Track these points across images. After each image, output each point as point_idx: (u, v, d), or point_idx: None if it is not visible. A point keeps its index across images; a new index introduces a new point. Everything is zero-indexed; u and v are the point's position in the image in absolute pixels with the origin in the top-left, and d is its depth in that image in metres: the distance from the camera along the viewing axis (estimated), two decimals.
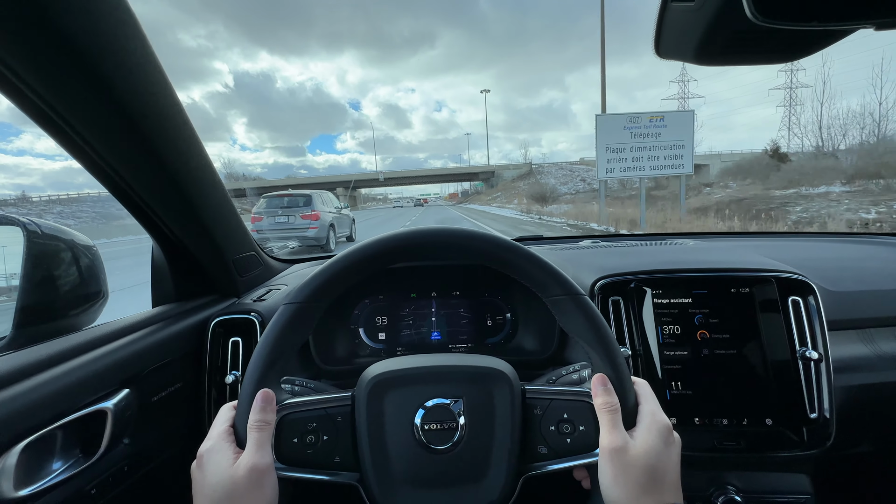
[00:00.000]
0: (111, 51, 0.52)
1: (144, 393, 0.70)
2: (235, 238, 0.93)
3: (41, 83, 0.50)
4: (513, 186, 53.72)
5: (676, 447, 0.49)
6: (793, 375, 0.79)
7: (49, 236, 0.72)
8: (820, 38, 0.47)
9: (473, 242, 0.54)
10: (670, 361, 0.81)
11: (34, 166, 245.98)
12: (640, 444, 0.47)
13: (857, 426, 0.84)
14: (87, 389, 0.59)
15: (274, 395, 0.49)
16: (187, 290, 0.92)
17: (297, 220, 8.75)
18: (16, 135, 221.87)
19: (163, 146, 0.65)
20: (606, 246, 1.28)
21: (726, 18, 0.44)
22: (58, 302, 0.72)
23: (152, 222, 0.79)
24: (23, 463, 0.51)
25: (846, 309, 0.89)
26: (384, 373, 0.52)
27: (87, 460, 0.59)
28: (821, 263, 1.05)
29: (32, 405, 0.52)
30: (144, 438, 0.69)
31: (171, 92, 0.64)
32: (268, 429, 0.48)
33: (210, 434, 0.50)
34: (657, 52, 0.55)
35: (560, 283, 0.53)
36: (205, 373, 0.83)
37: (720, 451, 0.77)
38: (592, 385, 0.50)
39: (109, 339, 0.68)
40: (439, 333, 1.01)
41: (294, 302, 0.52)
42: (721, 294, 0.83)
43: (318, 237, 8.86)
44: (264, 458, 0.46)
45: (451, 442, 0.50)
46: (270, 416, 0.48)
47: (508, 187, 54.69)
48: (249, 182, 42.23)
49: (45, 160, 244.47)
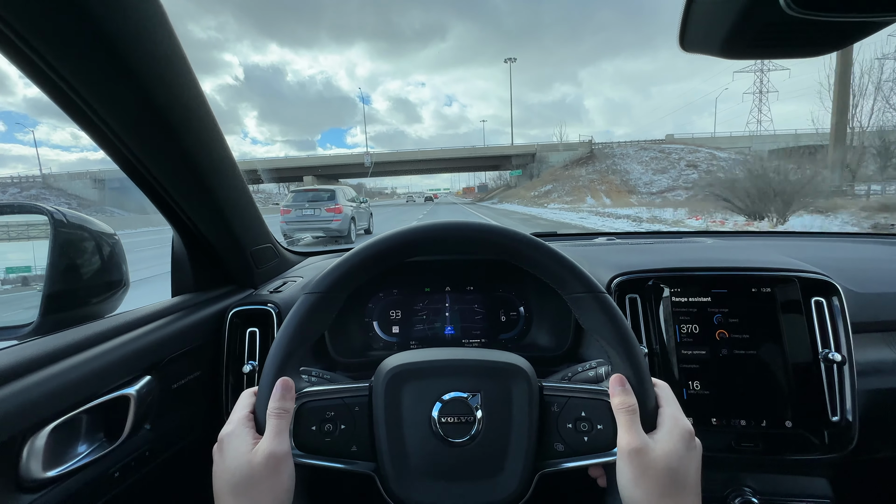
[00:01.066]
0: (140, 41, 0.53)
1: (165, 380, 0.71)
2: (253, 230, 0.94)
3: (71, 72, 0.51)
4: (569, 176, 37.95)
5: (698, 452, 0.49)
6: (814, 377, 0.77)
7: (74, 225, 0.73)
8: (855, 30, 0.46)
9: (494, 237, 0.54)
10: (688, 361, 0.80)
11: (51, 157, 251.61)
12: (661, 446, 0.46)
13: (880, 431, 0.82)
14: (111, 375, 0.61)
15: (293, 384, 0.50)
16: (206, 280, 0.93)
17: (322, 212, 9.73)
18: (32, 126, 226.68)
19: (187, 137, 0.66)
20: (622, 243, 1.27)
21: (758, 11, 0.43)
22: (82, 290, 0.74)
23: (174, 213, 0.80)
24: (51, 445, 0.52)
25: (871, 311, 0.87)
26: (403, 364, 0.52)
27: (111, 444, 0.60)
28: (844, 264, 1.02)
29: (60, 389, 0.53)
30: (165, 424, 0.71)
31: (196, 84, 0.65)
32: (286, 416, 0.48)
33: (231, 418, 0.50)
34: (682, 45, 0.54)
35: (581, 280, 0.52)
36: (223, 362, 0.85)
37: (738, 451, 0.76)
38: (610, 385, 0.49)
39: (132, 326, 0.70)
40: (453, 328, 1.02)
41: (315, 291, 0.52)
42: (741, 293, 0.82)
43: (341, 229, 9.80)
44: (282, 445, 0.47)
45: (468, 436, 0.50)
46: (289, 405, 0.49)
47: (562, 176, 38.77)
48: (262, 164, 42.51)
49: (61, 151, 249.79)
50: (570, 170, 39.67)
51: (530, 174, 48.42)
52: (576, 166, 40.02)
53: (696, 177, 30.58)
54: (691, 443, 0.48)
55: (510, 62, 79.32)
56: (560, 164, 43.23)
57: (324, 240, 9.99)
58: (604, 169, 37.35)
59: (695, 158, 36.15)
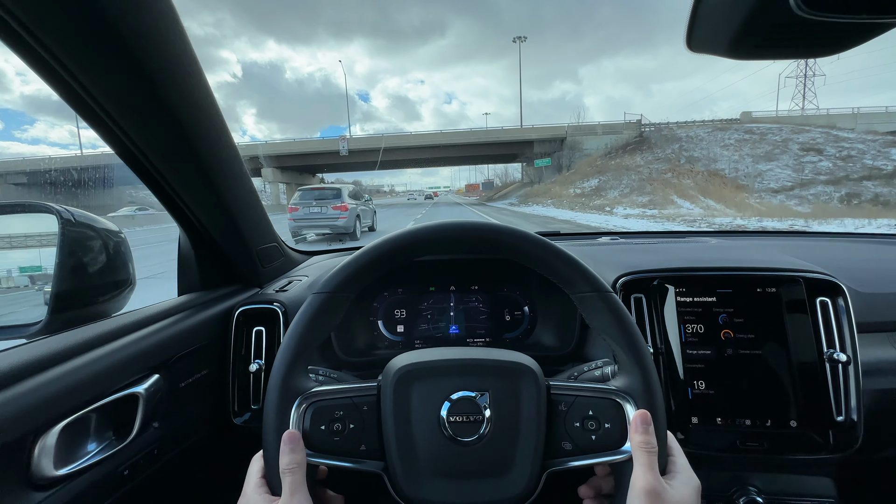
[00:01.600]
0: (153, 41, 0.53)
1: (173, 379, 0.71)
2: (259, 229, 0.94)
3: (80, 69, 0.51)
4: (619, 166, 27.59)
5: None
6: (819, 377, 0.77)
7: (82, 224, 0.73)
8: (864, 31, 0.46)
9: (501, 237, 0.54)
10: (693, 360, 0.80)
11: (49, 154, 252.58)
12: (678, 494, 0.46)
13: (885, 431, 0.82)
14: (119, 374, 0.61)
15: (300, 435, 0.49)
16: (212, 279, 0.94)
17: (329, 210, 10.01)
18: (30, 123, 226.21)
19: (196, 136, 0.66)
20: (626, 243, 1.27)
21: (767, 11, 0.43)
22: (90, 288, 0.74)
23: (181, 211, 0.80)
24: (61, 443, 0.53)
25: (876, 311, 0.86)
26: (411, 364, 0.53)
27: (120, 443, 0.61)
28: (849, 264, 1.02)
29: (69, 388, 0.54)
30: (173, 423, 0.71)
31: (206, 83, 0.65)
32: (300, 470, 0.47)
33: (244, 490, 0.49)
34: (688, 45, 0.54)
35: (588, 280, 0.53)
36: (229, 361, 0.85)
37: (742, 451, 0.76)
38: (633, 421, 0.49)
39: (139, 325, 0.70)
40: (457, 327, 1.02)
41: (324, 291, 0.53)
42: (746, 293, 0.82)
43: (347, 226, 10.13)
44: (301, 502, 0.46)
45: (477, 435, 0.50)
46: (300, 457, 0.48)
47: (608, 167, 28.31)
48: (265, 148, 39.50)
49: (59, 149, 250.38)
50: (618, 158, 29.57)
51: (559, 165, 35.68)
52: (624, 153, 30.15)
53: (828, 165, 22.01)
54: (699, 500, 0.48)
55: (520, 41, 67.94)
56: (601, 152, 32.61)
57: (329, 238, 10.21)
58: (671, 156, 27.06)
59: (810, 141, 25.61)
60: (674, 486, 0.47)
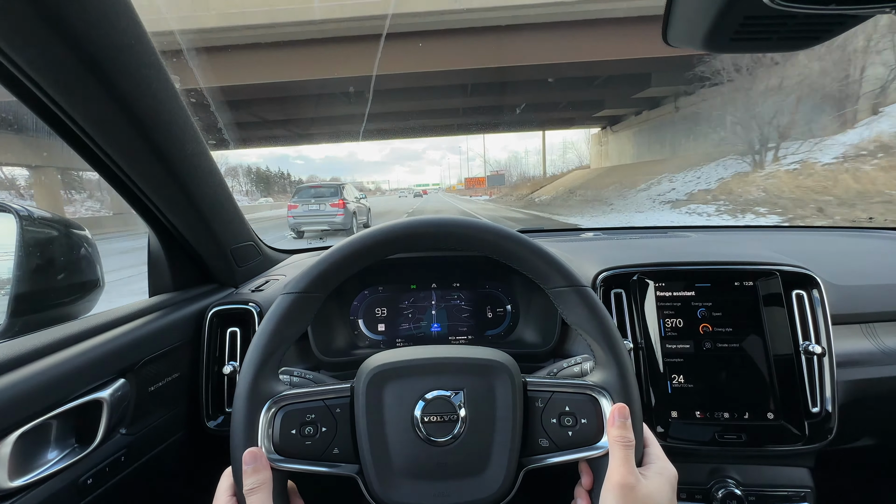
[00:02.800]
0: (102, 32, 0.50)
1: (141, 383, 0.69)
2: (233, 227, 0.91)
3: (29, 64, 0.49)
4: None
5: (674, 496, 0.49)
6: (795, 370, 0.78)
7: (43, 223, 0.71)
8: (834, 24, 0.46)
9: (475, 232, 0.53)
10: (672, 355, 0.81)
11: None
12: (652, 485, 0.46)
13: (859, 420, 0.84)
14: (82, 379, 0.59)
15: (262, 452, 0.47)
16: (185, 279, 0.91)
17: (327, 207, 10.39)
18: None
19: (157, 131, 0.64)
20: (609, 238, 1.27)
21: (740, 4, 0.43)
22: (53, 290, 0.71)
23: (148, 211, 0.77)
24: (17, 453, 0.50)
25: (849, 303, 0.88)
26: (384, 364, 0.52)
27: (83, 450, 0.58)
28: (824, 257, 1.04)
29: (27, 394, 0.51)
30: (141, 428, 0.69)
31: (166, 75, 0.62)
32: (265, 488, 0.46)
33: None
34: (665, 39, 0.54)
35: (563, 275, 0.52)
36: (202, 363, 0.83)
37: (721, 444, 0.77)
38: (610, 415, 0.48)
39: (106, 328, 0.67)
40: (439, 325, 1.01)
41: (293, 292, 0.51)
42: (724, 287, 0.82)
43: (344, 223, 10.40)
44: None
45: (452, 434, 0.49)
46: (264, 475, 0.46)
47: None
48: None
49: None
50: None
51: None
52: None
53: None
54: (675, 487, 0.48)
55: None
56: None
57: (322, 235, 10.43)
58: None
59: None
60: (648, 476, 0.47)
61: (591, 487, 0.51)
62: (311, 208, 10.44)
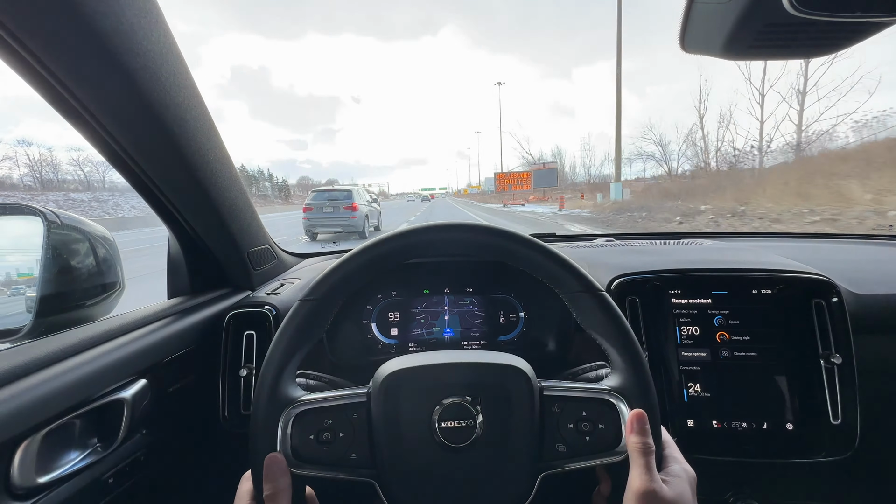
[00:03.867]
0: (135, 40, 0.52)
1: (161, 384, 0.70)
2: (251, 231, 0.93)
3: (64, 70, 0.50)
4: None
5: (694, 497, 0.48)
6: (815, 379, 0.77)
7: (68, 227, 0.72)
8: (857, 31, 0.45)
9: (490, 238, 0.53)
10: (688, 363, 0.80)
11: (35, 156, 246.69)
12: (674, 490, 0.45)
13: (881, 433, 0.82)
14: (104, 379, 0.60)
15: (282, 458, 0.48)
16: (202, 282, 0.92)
17: (341, 210, 10.83)
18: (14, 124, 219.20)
19: (183, 138, 0.65)
20: (622, 245, 1.27)
21: (760, 11, 0.43)
22: (76, 292, 0.73)
23: (170, 214, 0.79)
24: (44, 451, 0.51)
25: (871, 312, 0.86)
26: (401, 369, 0.52)
27: (105, 450, 0.59)
28: (844, 265, 1.02)
29: (53, 394, 0.52)
30: (160, 429, 0.70)
31: (192, 83, 0.64)
32: (284, 495, 0.46)
33: None
34: (682, 46, 0.54)
35: (579, 279, 0.52)
36: (219, 365, 0.84)
37: (739, 454, 0.75)
38: (629, 421, 0.48)
39: (127, 329, 0.69)
40: (452, 330, 1.01)
41: (310, 298, 0.52)
42: (742, 295, 0.81)
43: (357, 225, 10.93)
44: None
45: (469, 440, 0.49)
46: (284, 481, 0.47)
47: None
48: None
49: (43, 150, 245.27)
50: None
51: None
52: None
53: None
54: (695, 489, 0.48)
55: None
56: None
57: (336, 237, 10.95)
58: None
59: None
60: (669, 482, 0.46)
61: (609, 493, 0.51)
62: (326, 211, 10.86)
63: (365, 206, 11.51)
